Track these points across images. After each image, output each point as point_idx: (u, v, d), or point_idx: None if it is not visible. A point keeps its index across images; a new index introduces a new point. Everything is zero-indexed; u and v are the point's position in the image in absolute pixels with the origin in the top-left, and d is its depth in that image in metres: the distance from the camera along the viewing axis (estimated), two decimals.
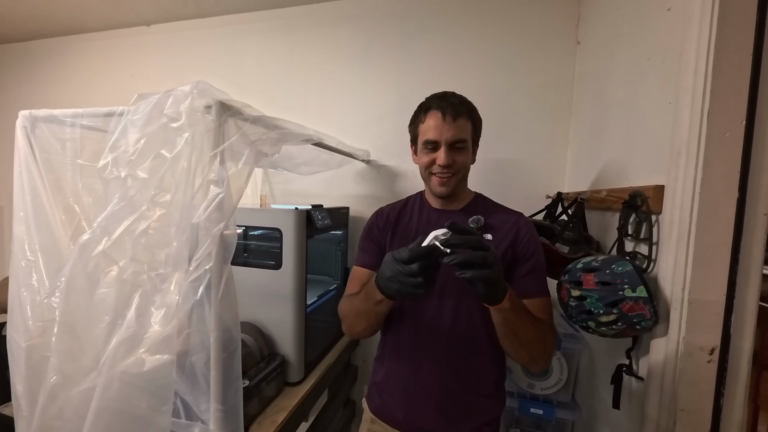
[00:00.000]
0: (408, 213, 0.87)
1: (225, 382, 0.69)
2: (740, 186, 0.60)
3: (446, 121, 0.75)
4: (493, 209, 0.85)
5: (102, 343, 0.59)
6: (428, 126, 0.77)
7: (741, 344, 0.63)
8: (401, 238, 0.83)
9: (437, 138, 0.76)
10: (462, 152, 0.78)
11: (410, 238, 0.81)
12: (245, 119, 0.72)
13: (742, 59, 0.59)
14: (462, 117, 0.76)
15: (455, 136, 0.75)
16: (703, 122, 0.61)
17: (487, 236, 0.78)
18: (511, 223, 0.80)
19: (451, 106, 0.75)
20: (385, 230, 0.85)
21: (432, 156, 0.77)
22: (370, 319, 0.73)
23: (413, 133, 0.83)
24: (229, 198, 0.68)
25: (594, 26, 1.24)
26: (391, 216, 0.86)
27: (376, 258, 0.83)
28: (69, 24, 1.87)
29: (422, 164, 0.80)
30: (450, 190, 0.79)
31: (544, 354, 0.72)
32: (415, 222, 0.85)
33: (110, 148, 0.66)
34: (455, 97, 0.79)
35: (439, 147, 0.76)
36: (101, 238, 0.64)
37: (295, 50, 1.67)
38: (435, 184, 0.79)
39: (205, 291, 0.65)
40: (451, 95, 0.79)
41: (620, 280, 0.69)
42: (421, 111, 0.80)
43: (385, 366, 0.85)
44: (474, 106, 0.81)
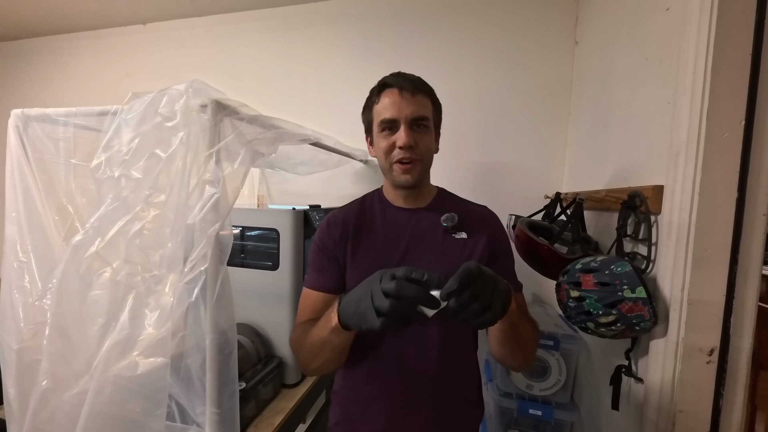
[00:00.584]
0: (368, 217, 0.73)
1: (221, 384, 0.68)
2: (739, 186, 0.60)
3: (404, 96, 0.65)
4: (460, 204, 0.77)
5: (95, 346, 0.58)
6: (384, 105, 0.66)
7: (740, 345, 0.63)
8: (365, 251, 0.70)
9: (395, 115, 0.65)
10: (425, 133, 0.68)
11: (377, 248, 0.70)
12: (241, 119, 0.71)
13: (741, 59, 0.59)
14: (421, 93, 0.67)
15: (416, 112, 0.65)
16: (702, 122, 0.61)
17: (462, 235, 0.71)
18: (482, 219, 0.74)
19: (408, 81, 0.67)
20: (343, 242, 0.70)
21: (390, 139, 0.66)
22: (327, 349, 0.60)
23: (367, 120, 0.72)
24: (225, 198, 0.67)
25: (592, 26, 1.24)
26: (349, 223, 0.72)
27: (333, 278, 0.70)
28: (63, 22, 1.85)
29: (381, 151, 0.68)
30: (415, 179, 0.68)
31: (535, 351, 0.68)
32: (379, 227, 0.72)
33: (103, 147, 0.65)
34: (408, 74, 0.69)
35: (398, 126, 0.66)
36: (94, 239, 0.63)
37: (293, 49, 1.66)
38: (398, 173, 0.68)
39: (201, 293, 0.64)
40: (407, 74, 0.69)
41: (619, 281, 0.69)
42: (375, 92, 0.70)
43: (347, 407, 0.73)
44: (432, 88, 0.71)
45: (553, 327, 1.11)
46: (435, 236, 0.70)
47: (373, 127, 0.70)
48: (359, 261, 0.69)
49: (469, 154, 1.49)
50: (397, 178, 0.69)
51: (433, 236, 0.70)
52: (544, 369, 1.09)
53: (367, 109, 0.72)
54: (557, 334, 1.05)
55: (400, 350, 0.68)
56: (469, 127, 1.48)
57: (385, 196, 0.77)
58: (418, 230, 0.71)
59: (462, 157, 1.49)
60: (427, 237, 0.70)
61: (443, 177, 1.62)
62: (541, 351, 1.07)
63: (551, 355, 1.08)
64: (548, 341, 1.05)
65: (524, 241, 0.99)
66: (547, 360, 1.08)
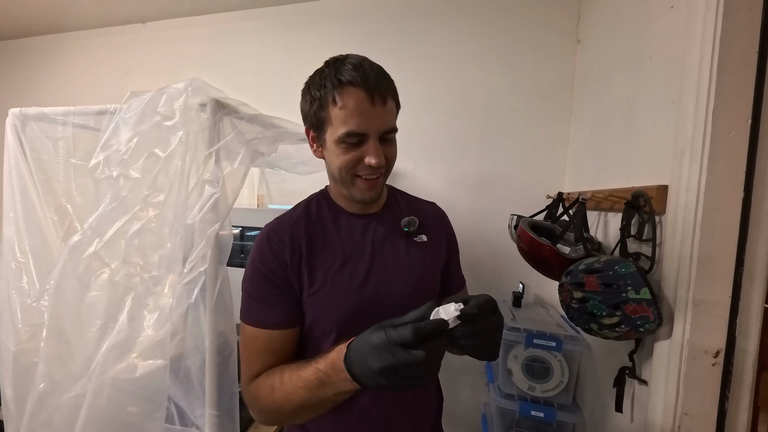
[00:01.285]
0: (319, 229, 0.63)
1: (220, 386, 0.68)
2: (745, 186, 0.59)
3: (376, 105, 0.54)
4: (411, 203, 0.73)
5: (93, 348, 0.58)
6: (350, 111, 0.54)
7: (746, 347, 0.62)
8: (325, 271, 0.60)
9: (364, 129, 0.54)
10: (392, 145, 0.60)
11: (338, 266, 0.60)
12: (241, 117, 0.71)
13: (747, 57, 0.58)
14: (389, 96, 0.56)
15: (388, 124, 0.56)
16: (707, 121, 0.60)
17: (422, 237, 0.67)
18: (436, 219, 0.72)
19: (377, 83, 0.55)
20: (295, 265, 0.59)
21: (356, 153, 0.56)
22: (323, 408, 0.51)
23: (317, 117, 0.57)
24: (225, 198, 0.66)
25: (595, 25, 1.23)
26: (298, 240, 0.60)
27: (288, 310, 0.59)
28: (62, 21, 1.84)
29: (343, 165, 0.57)
30: (379, 194, 0.62)
31: None
32: (336, 240, 0.63)
33: (102, 147, 0.65)
34: (372, 66, 0.57)
35: (367, 140, 0.55)
36: (92, 239, 0.62)
37: (293, 48, 1.65)
38: (362, 189, 0.59)
39: (200, 294, 0.63)
40: (366, 62, 0.57)
41: (623, 282, 0.68)
42: (331, 86, 0.55)
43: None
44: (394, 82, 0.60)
45: (556, 328, 1.10)
46: (397, 242, 0.66)
47: (327, 132, 0.57)
48: (320, 285, 0.59)
49: (470, 154, 1.48)
50: (362, 195, 0.60)
51: (395, 242, 0.66)
52: (546, 370, 1.08)
53: (318, 104, 0.57)
54: (559, 335, 1.05)
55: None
56: (470, 126, 1.47)
57: (334, 201, 0.67)
58: (378, 238, 0.65)
59: (463, 157, 1.48)
60: (388, 244, 0.65)
61: (444, 178, 1.62)
62: (544, 352, 1.07)
63: (553, 356, 1.07)
64: (550, 342, 1.04)
65: (526, 242, 0.98)
66: (550, 361, 1.08)
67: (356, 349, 0.45)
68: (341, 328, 0.60)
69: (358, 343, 0.45)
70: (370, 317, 0.56)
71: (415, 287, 0.64)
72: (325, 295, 0.60)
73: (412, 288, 0.64)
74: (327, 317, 0.60)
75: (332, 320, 0.60)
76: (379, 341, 0.42)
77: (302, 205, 0.68)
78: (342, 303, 0.60)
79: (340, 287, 0.60)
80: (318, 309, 0.60)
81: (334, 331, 0.60)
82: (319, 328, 0.61)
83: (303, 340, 0.63)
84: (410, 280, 0.64)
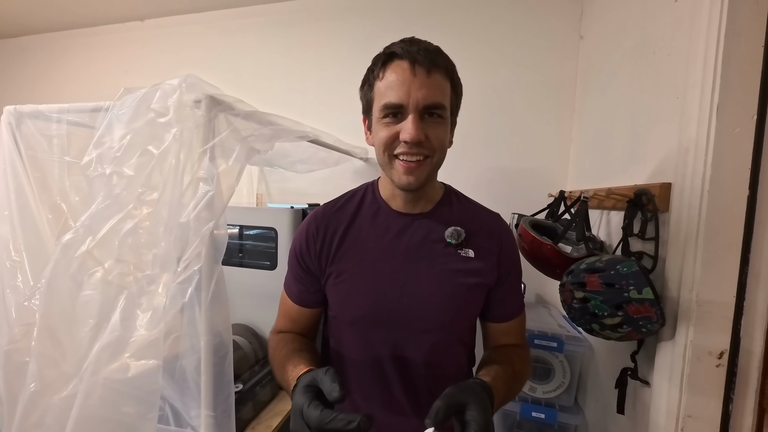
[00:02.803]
0: (357, 222, 0.62)
1: (216, 387, 0.67)
2: (751, 183, 0.58)
3: (417, 74, 0.50)
4: (468, 211, 0.65)
5: (85, 348, 0.57)
6: (389, 83, 0.51)
7: (751, 348, 0.60)
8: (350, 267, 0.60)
9: (402, 100, 0.50)
10: (439, 126, 0.54)
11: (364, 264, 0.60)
12: (237, 114, 0.69)
13: (753, 51, 0.57)
14: (439, 71, 0.52)
15: (429, 98, 0.51)
16: (712, 117, 0.59)
17: (468, 252, 0.60)
18: (493, 234, 0.63)
19: (424, 52, 0.51)
20: (324, 257, 0.61)
21: (394, 129, 0.52)
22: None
23: (366, 99, 0.57)
24: (220, 196, 0.65)
25: (598, 21, 1.21)
26: (332, 231, 0.61)
27: (306, 288, 0.64)
28: (61, 20, 1.84)
29: (379, 142, 0.54)
30: (420, 182, 0.55)
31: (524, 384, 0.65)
32: (370, 236, 0.61)
33: (95, 144, 0.64)
34: (422, 41, 0.54)
35: (406, 114, 0.51)
36: (85, 237, 0.61)
37: (293, 46, 1.64)
38: (399, 172, 0.54)
39: (195, 293, 0.62)
40: (424, 41, 0.54)
41: (625, 281, 0.66)
42: (378, 63, 0.54)
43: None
44: (454, 64, 0.56)
45: (557, 328, 1.09)
46: (436, 251, 0.60)
47: (373, 110, 0.55)
48: (345, 278, 0.60)
49: (473, 152, 1.47)
50: (398, 179, 0.55)
51: (433, 251, 0.60)
52: (547, 371, 1.07)
53: (367, 85, 0.56)
54: (561, 335, 1.03)
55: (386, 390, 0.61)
56: (472, 123, 1.46)
57: (380, 194, 0.64)
58: (414, 242, 0.60)
59: (465, 154, 1.47)
60: (425, 251, 0.60)
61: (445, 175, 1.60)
62: (545, 353, 1.05)
63: (555, 357, 1.06)
64: (552, 343, 1.03)
65: (527, 241, 0.97)
66: (551, 362, 1.06)
67: (295, 391, 0.47)
68: (359, 325, 0.62)
69: (297, 387, 0.47)
70: (391, 322, 0.60)
71: (446, 304, 0.59)
72: (348, 289, 0.61)
73: (442, 304, 0.59)
74: (347, 311, 0.62)
75: (351, 315, 0.62)
76: (296, 406, 0.44)
77: (349, 194, 0.68)
78: (362, 300, 0.60)
79: (364, 284, 0.61)
80: (339, 301, 0.63)
81: (353, 325, 0.62)
82: (341, 319, 0.63)
83: (332, 325, 0.67)
84: (442, 295, 0.59)
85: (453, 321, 0.61)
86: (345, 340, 0.63)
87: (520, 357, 0.64)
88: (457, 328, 0.63)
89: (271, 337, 0.67)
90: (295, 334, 0.67)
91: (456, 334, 0.63)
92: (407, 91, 0.50)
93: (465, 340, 0.67)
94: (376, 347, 0.61)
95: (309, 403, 0.42)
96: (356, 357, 0.62)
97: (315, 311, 0.67)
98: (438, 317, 0.59)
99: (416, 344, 0.60)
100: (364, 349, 0.61)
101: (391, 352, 0.60)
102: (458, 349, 0.65)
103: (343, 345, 0.64)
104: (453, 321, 0.61)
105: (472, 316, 0.65)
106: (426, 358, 0.60)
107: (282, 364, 0.57)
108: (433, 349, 0.60)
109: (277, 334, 0.67)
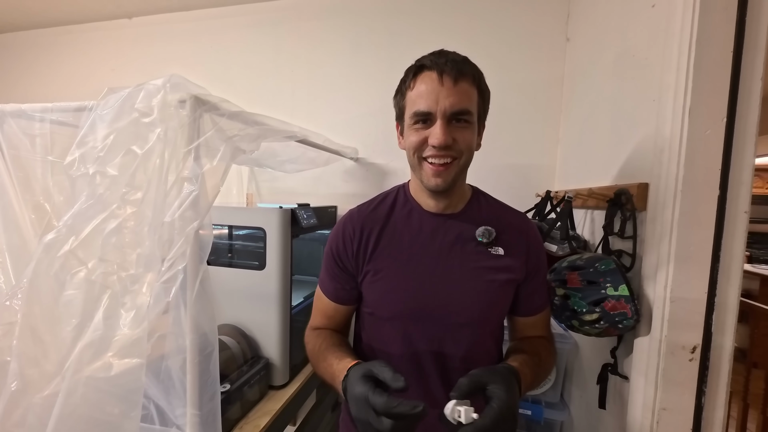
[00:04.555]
0: (391, 222, 0.66)
1: (201, 386, 0.67)
2: (721, 184, 0.60)
3: (444, 84, 0.55)
4: (496, 211, 0.69)
5: (68, 347, 0.57)
6: (419, 92, 0.57)
7: (722, 342, 0.63)
8: (386, 265, 0.64)
9: (430, 108, 0.55)
10: (466, 130, 0.58)
11: (400, 262, 0.63)
12: (222, 114, 0.70)
13: (723, 56, 0.59)
14: (466, 79, 0.56)
15: (456, 105, 0.55)
16: (684, 119, 0.61)
17: (498, 251, 0.64)
18: (521, 232, 0.66)
19: (451, 63, 0.56)
20: (360, 256, 0.65)
21: (423, 134, 0.57)
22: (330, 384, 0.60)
23: (399, 107, 0.63)
24: (205, 195, 0.65)
25: (583, 23, 1.24)
26: (369, 232, 0.65)
27: (342, 286, 0.67)
28: (47, 16, 1.81)
29: (410, 146, 0.59)
30: (448, 184, 0.59)
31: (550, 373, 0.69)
32: (404, 235, 0.65)
33: (77, 144, 0.63)
34: (451, 53, 0.59)
35: (434, 120, 0.56)
36: (68, 237, 0.61)
37: (282, 45, 1.64)
38: (428, 174, 0.59)
39: (180, 292, 0.63)
40: (452, 52, 0.59)
41: (603, 279, 0.68)
42: (410, 74, 0.60)
43: None
44: (481, 72, 0.61)
45: None
46: (468, 250, 0.64)
47: (405, 117, 0.60)
48: (382, 276, 0.64)
49: None
50: (427, 181, 0.60)
51: (466, 249, 0.64)
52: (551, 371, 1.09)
53: (400, 94, 0.62)
54: None
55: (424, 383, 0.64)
56: None
57: (412, 195, 0.68)
58: (447, 241, 0.64)
59: None
60: (458, 250, 0.64)
61: None
62: None
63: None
64: None
65: None
66: None
67: (349, 383, 0.50)
68: (397, 321, 0.64)
69: (351, 379, 0.50)
70: (429, 317, 0.63)
71: (481, 300, 0.63)
72: (385, 286, 0.64)
73: (477, 300, 0.63)
74: (384, 308, 0.65)
75: (389, 311, 0.65)
76: (359, 394, 0.47)
77: (382, 196, 0.71)
78: (400, 296, 0.63)
79: (400, 282, 0.64)
80: (377, 298, 0.66)
81: (390, 322, 0.65)
82: (379, 315, 0.66)
83: (366, 321, 0.69)
84: (476, 291, 0.63)
85: (487, 316, 0.65)
86: (383, 336, 0.67)
87: (546, 347, 0.68)
88: (491, 322, 0.67)
89: (308, 333, 0.71)
90: (331, 330, 0.71)
91: (489, 328, 0.67)
92: (435, 100, 0.56)
93: (497, 335, 0.71)
94: (414, 342, 0.64)
95: (373, 390, 0.46)
96: (394, 351, 0.65)
97: (349, 308, 0.71)
98: (473, 312, 0.63)
99: (453, 339, 0.64)
100: (402, 343, 0.65)
101: (428, 347, 0.64)
102: (491, 343, 0.69)
103: (381, 340, 0.67)
104: (487, 316, 0.65)
105: (504, 311, 0.68)
106: (462, 352, 0.64)
107: (323, 357, 0.61)
108: (469, 343, 0.64)
109: (314, 330, 0.71)
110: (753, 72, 0.59)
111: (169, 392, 0.67)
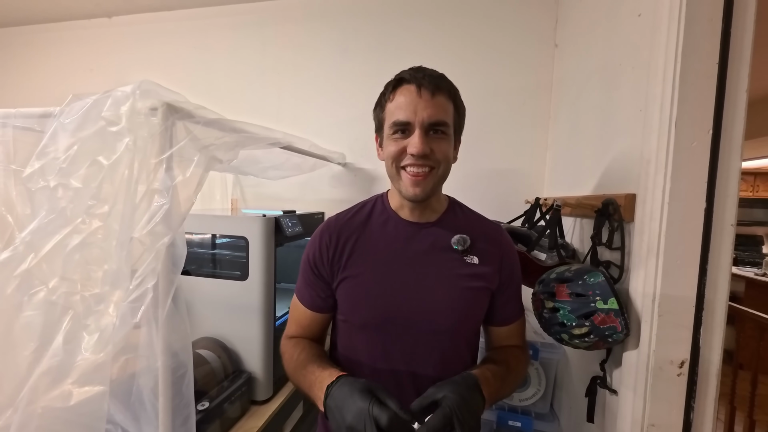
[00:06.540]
0: (368, 230, 0.67)
1: (174, 409, 0.63)
2: (707, 196, 0.59)
3: (422, 96, 0.57)
4: (471, 221, 0.70)
5: (23, 375, 0.53)
6: (398, 104, 0.59)
7: (710, 357, 0.62)
8: (360, 272, 0.64)
9: (409, 118, 0.58)
10: (443, 141, 0.60)
11: (375, 270, 0.64)
12: (197, 122, 0.66)
13: (708, 67, 0.58)
14: (442, 94, 0.59)
15: (434, 116, 0.58)
16: (671, 131, 0.60)
17: (473, 259, 0.65)
18: (495, 242, 0.68)
19: (429, 78, 0.58)
20: (336, 263, 0.65)
21: (402, 143, 0.59)
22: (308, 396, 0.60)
23: (378, 118, 0.65)
24: (177, 208, 0.62)
25: (571, 29, 1.23)
26: (345, 239, 0.66)
27: (318, 294, 0.67)
28: (20, 14, 1.73)
29: (389, 155, 0.61)
30: (426, 194, 0.61)
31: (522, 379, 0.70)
32: (380, 243, 0.65)
33: (38, 155, 0.59)
34: (435, 71, 0.62)
35: (413, 130, 0.58)
36: (26, 255, 0.57)
37: (267, 47, 1.60)
38: (407, 184, 0.60)
39: (151, 310, 0.59)
40: (429, 69, 0.62)
41: (592, 292, 0.67)
42: (389, 87, 0.62)
43: None
44: (457, 89, 0.64)
45: (533, 335, 1.09)
46: (443, 257, 0.65)
47: (384, 128, 0.63)
48: (356, 283, 0.64)
49: None
50: (406, 190, 0.61)
51: (441, 257, 0.65)
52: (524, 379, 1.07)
53: (379, 107, 0.64)
54: (536, 342, 1.04)
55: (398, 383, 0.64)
56: None
57: (389, 204, 0.69)
58: (422, 249, 0.65)
59: None
60: (432, 257, 0.64)
61: None
62: None
63: (531, 364, 1.06)
64: None
65: None
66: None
67: (341, 391, 0.51)
68: (370, 328, 0.64)
69: (345, 389, 0.51)
70: (402, 324, 0.64)
71: (455, 307, 0.64)
72: (359, 292, 0.64)
73: (451, 307, 0.63)
74: (358, 313, 0.65)
75: (362, 317, 0.65)
76: (361, 405, 0.48)
77: (360, 205, 0.72)
78: (372, 302, 0.63)
79: (374, 288, 0.64)
80: (351, 305, 0.65)
81: (364, 328, 0.65)
82: (352, 322, 0.66)
83: (341, 329, 0.69)
84: (450, 298, 0.63)
85: (461, 323, 0.65)
86: (356, 344, 0.66)
87: (516, 355, 0.69)
88: (465, 330, 0.67)
89: (284, 341, 0.71)
90: (308, 340, 0.70)
91: (464, 336, 0.67)
92: (414, 110, 0.58)
93: (472, 344, 0.70)
94: (387, 349, 0.64)
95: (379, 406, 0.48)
96: (367, 359, 0.65)
97: (326, 317, 0.71)
98: (447, 319, 0.63)
99: (427, 346, 0.64)
100: (375, 351, 0.65)
101: (401, 354, 0.64)
102: (465, 352, 0.68)
103: (354, 348, 0.67)
104: (461, 323, 0.65)
105: (478, 318, 0.69)
106: (436, 360, 0.64)
107: (302, 366, 0.61)
108: (443, 350, 0.64)
109: (290, 339, 0.70)
110: (738, 84, 0.58)
111: (139, 417, 0.63)
